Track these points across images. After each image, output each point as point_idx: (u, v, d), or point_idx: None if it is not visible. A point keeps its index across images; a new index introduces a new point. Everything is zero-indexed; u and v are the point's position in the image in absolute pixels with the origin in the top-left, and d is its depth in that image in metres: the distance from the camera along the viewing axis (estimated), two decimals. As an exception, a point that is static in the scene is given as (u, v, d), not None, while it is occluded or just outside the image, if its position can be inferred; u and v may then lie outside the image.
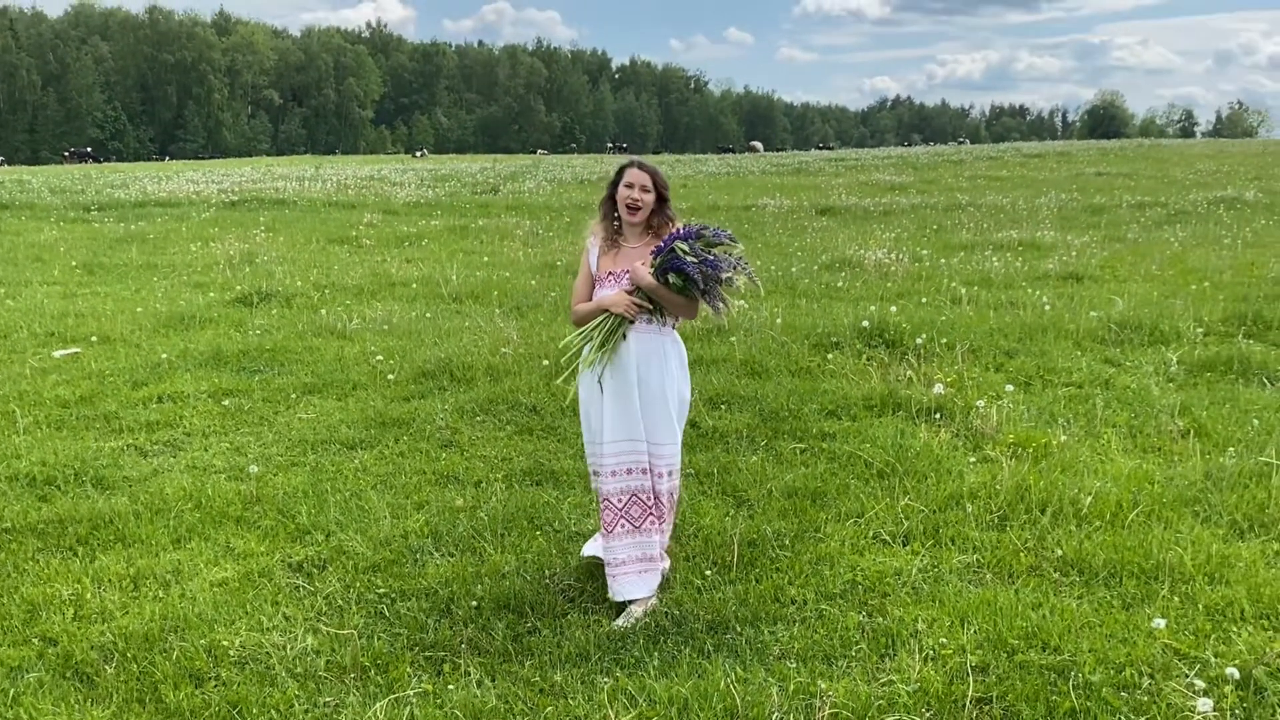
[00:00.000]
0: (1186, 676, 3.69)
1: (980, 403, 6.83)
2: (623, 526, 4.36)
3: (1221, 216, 20.15)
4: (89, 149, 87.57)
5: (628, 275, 4.35)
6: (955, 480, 5.73)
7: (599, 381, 4.38)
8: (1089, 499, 5.32)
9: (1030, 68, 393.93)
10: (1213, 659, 3.84)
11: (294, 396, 7.85)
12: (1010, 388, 7.30)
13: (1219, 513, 5.27)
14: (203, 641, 4.13)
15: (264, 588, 4.66)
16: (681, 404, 4.51)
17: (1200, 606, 4.29)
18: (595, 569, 4.62)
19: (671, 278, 4.20)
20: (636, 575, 4.35)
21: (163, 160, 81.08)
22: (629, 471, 4.37)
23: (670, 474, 4.45)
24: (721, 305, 4.30)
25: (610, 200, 4.51)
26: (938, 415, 6.94)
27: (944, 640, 4.02)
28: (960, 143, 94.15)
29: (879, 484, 5.79)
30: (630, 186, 4.41)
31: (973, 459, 6.13)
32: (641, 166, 4.46)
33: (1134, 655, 3.89)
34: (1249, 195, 24.26)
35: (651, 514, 4.39)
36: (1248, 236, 16.79)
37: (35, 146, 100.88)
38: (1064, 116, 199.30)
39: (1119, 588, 4.50)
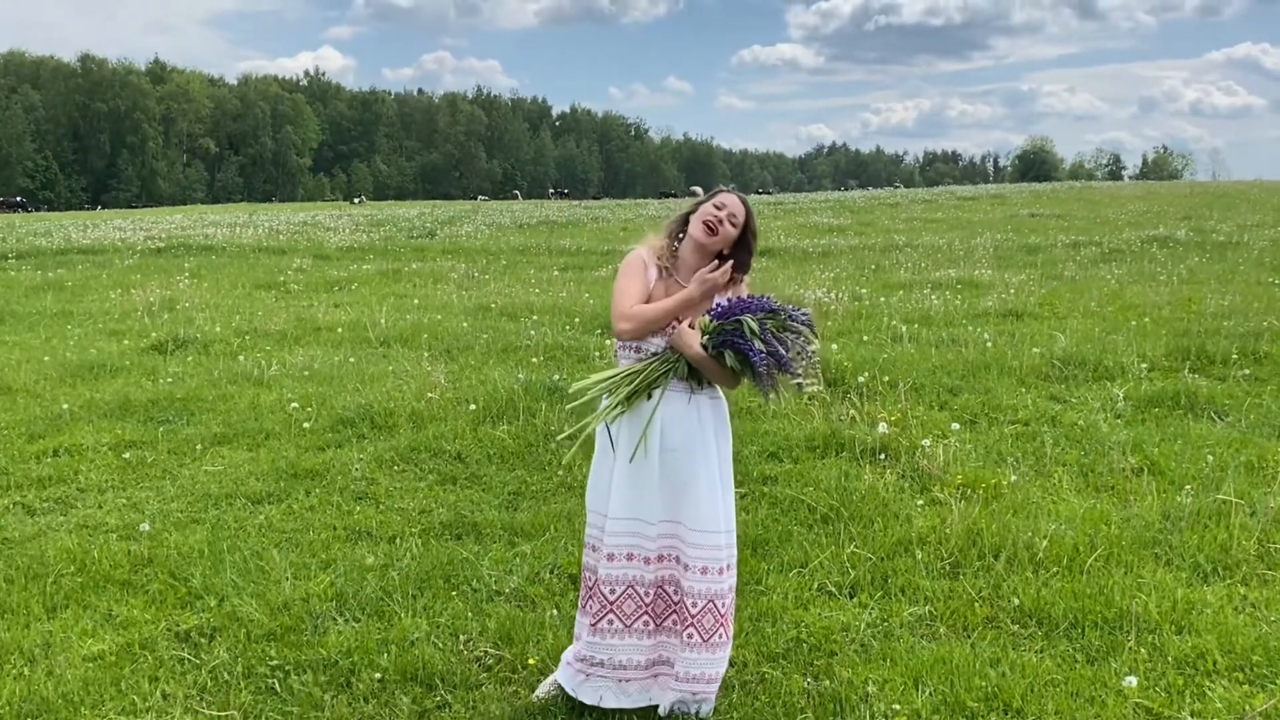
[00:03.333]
0: (1162, 740, 3.36)
1: (926, 442, 6.52)
2: (610, 623, 3.59)
3: (1155, 254, 20.29)
4: (19, 198, 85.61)
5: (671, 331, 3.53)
6: (903, 525, 5.39)
7: (611, 441, 3.60)
8: (1044, 542, 5.01)
9: (962, 115, 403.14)
10: (1189, 719, 3.50)
11: (200, 448, 7.33)
12: (956, 426, 7.01)
13: (1180, 555, 4.98)
14: (63, 728, 3.63)
15: (143, 661, 4.16)
16: (727, 478, 3.64)
17: (1170, 659, 3.97)
18: (516, 634, 4.20)
19: (728, 356, 3.37)
20: (616, 684, 3.64)
21: (95, 209, 79.47)
22: (629, 557, 3.57)
23: (696, 569, 3.50)
24: (774, 394, 3.48)
25: (684, 221, 3.66)
26: (882, 455, 6.62)
27: (896, 706, 3.65)
28: (896, 187, 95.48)
29: (823, 530, 5.43)
30: (720, 208, 3.57)
31: (920, 501, 5.81)
32: (743, 198, 3.64)
33: (1104, 716, 3.55)
34: (1180, 234, 24.54)
35: (646, 613, 3.60)
36: (1183, 273, 16.85)
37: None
38: (996, 161, 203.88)
39: (1081, 639, 4.18)
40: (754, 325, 3.35)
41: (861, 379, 8.31)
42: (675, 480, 3.52)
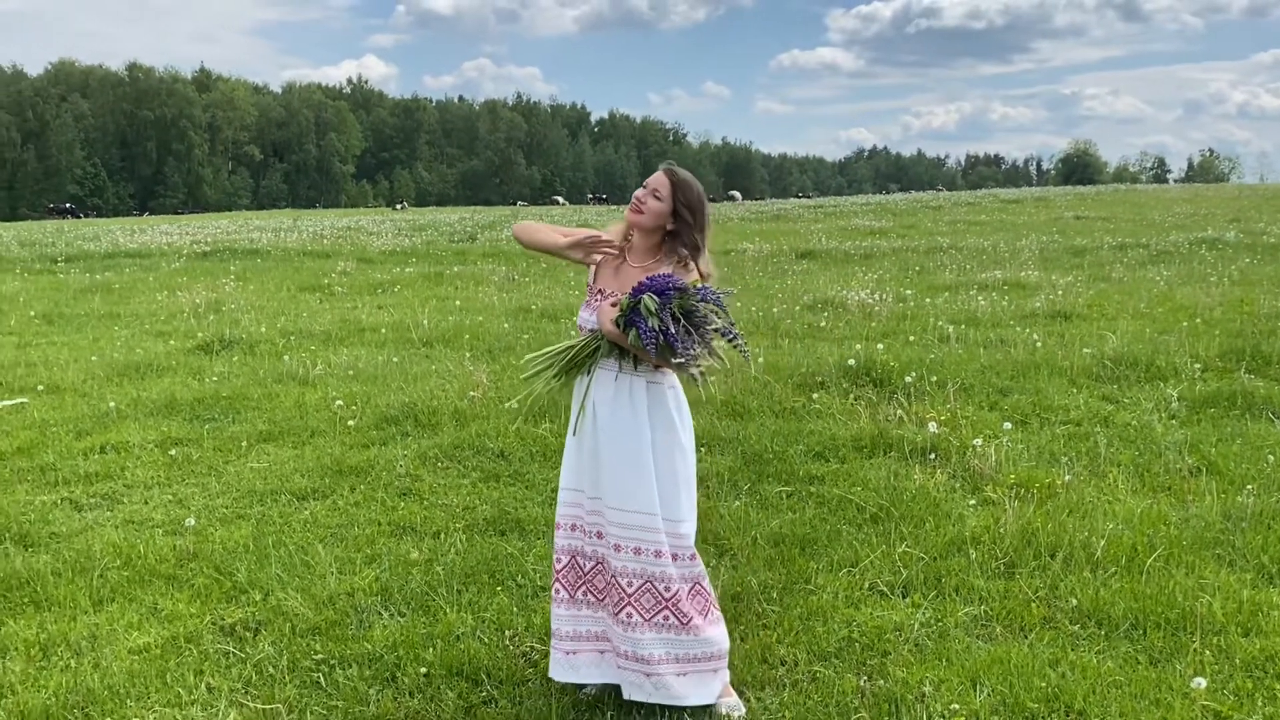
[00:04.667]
0: (1233, 744, 3.23)
1: (977, 441, 6.39)
2: (557, 592, 3.66)
3: (1205, 256, 19.91)
4: (69, 205, 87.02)
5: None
6: (955, 524, 5.28)
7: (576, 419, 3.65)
8: (1101, 542, 4.87)
9: (1004, 118, 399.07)
10: (1261, 723, 3.38)
11: (245, 445, 7.34)
12: (1007, 425, 6.87)
13: (1244, 556, 4.83)
14: None
15: (188, 655, 4.15)
16: (669, 465, 3.54)
17: (1237, 661, 3.83)
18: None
19: (631, 335, 3.39)
20: (575, 655, 3.62)
21: (142, 216, 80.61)
22: (573, 528, 3.65)
23: (628, 549, 3.49)
24: (695, 374, 3.49)
25: None
26: (932, 455, 6.50)
27: (955, 705, 3.55)
28: (938, 190, 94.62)
29: (873, 529, 5.33)
30: (645, 186, 3.62)
31: (973, 501, 5.68)
32: (670, 172, 3.63)
33: (1170, 718, 3.42)
34: (1229, 236, 24.07)
35: (585, 584, 3.62)
36: (1234, 275, 16.51)
37: (14, 203, 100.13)
38: (1038, 165, 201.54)
39: (1143, 640, 4.05)
40: (651, 305, 3.35)
41: (909, 379, 8.18)
42: (600, 457, 3.56)
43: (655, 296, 3.36)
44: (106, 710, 3.68)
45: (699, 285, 3.44)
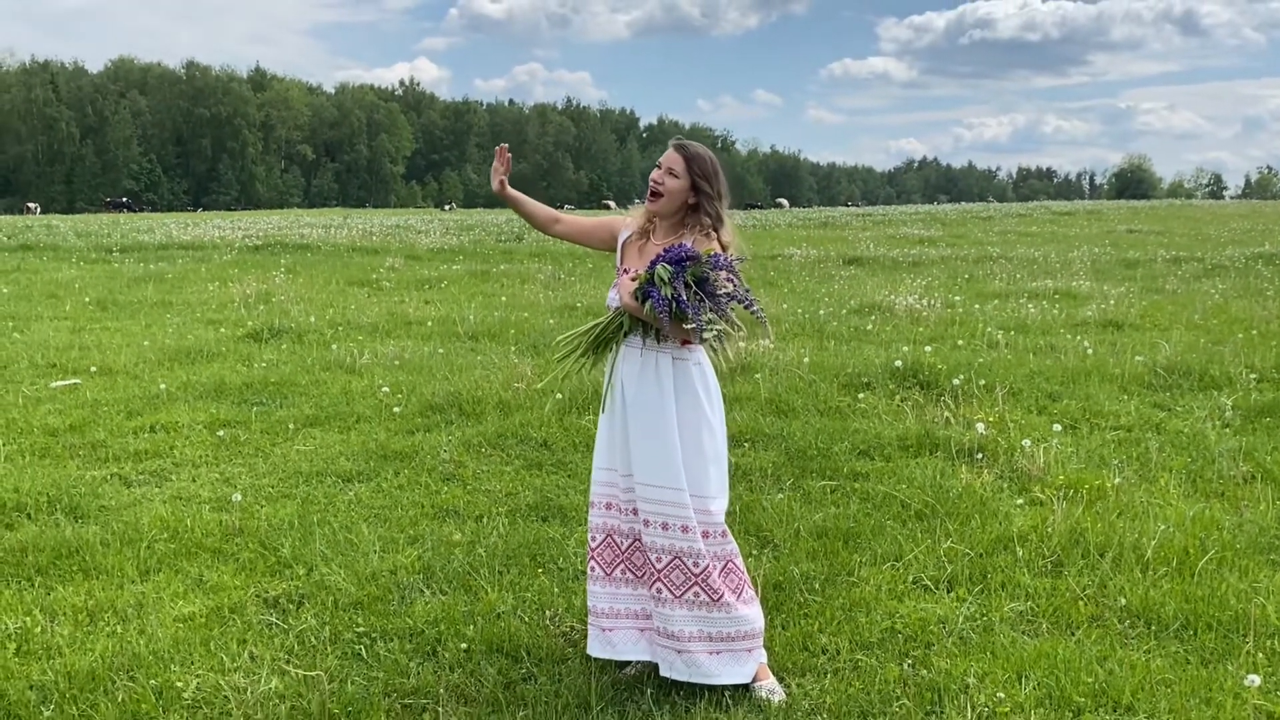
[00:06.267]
0: (1287, 744, 3.16)
1: (1026, 443, 6.30)
2: (593, 570, 3.68)
3: (1261, 271, 19.55)
4: (125, 199, 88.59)
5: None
6: (1002, 522, 5.21)
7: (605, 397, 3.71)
8: (1152, 543, 4.78)
9: (1057, 131, 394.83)
10: (1316, 724, 3.30)
11: (293, 428, 7.41)
12: (1057, 427, 6.77)
13: (1300, 561, 4.72)
14: (154, 682, 3.65)
15: (232, 624, 4.19)
16: (695, 441, 3.54)
17: (1291, 664, 3.74)
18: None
19: (646, 306, 3.41)
20: (611, 632, 3.64)
21: (195, 211, 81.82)
22: (607, 506, 3.67)
23: (656, 524, 3.49)
24: (717, 346, 3.50)
25: None
26: (979, 456, 6.42)
27: (1000, 695, 3.49)
28: (988, 202, 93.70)
29: (917, 525, 5.27)
30: (658, 167, 3.66)
31: (1020, 501, 5.61)
32: (680, 147, 3.66)
33: (1221, 718, 3.35)
34: (1288, 251, 23.64)
35: (624, 563, 3.64)
36: (1291, 289, 16.20)
37: (71, 197, 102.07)
38: (1091, 179, 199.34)
39: (1194, 641, 3.97)
40: (664, 274, 3.38)
41: (956, 382, 8.09)
42: (629, 434, 3.59)
43: (669, 266, 3.40)
44: (152, 673, 3.71)
45: (712, 253, 3.45)
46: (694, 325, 3.38)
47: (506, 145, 3.87)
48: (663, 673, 3.55)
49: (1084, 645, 3.91)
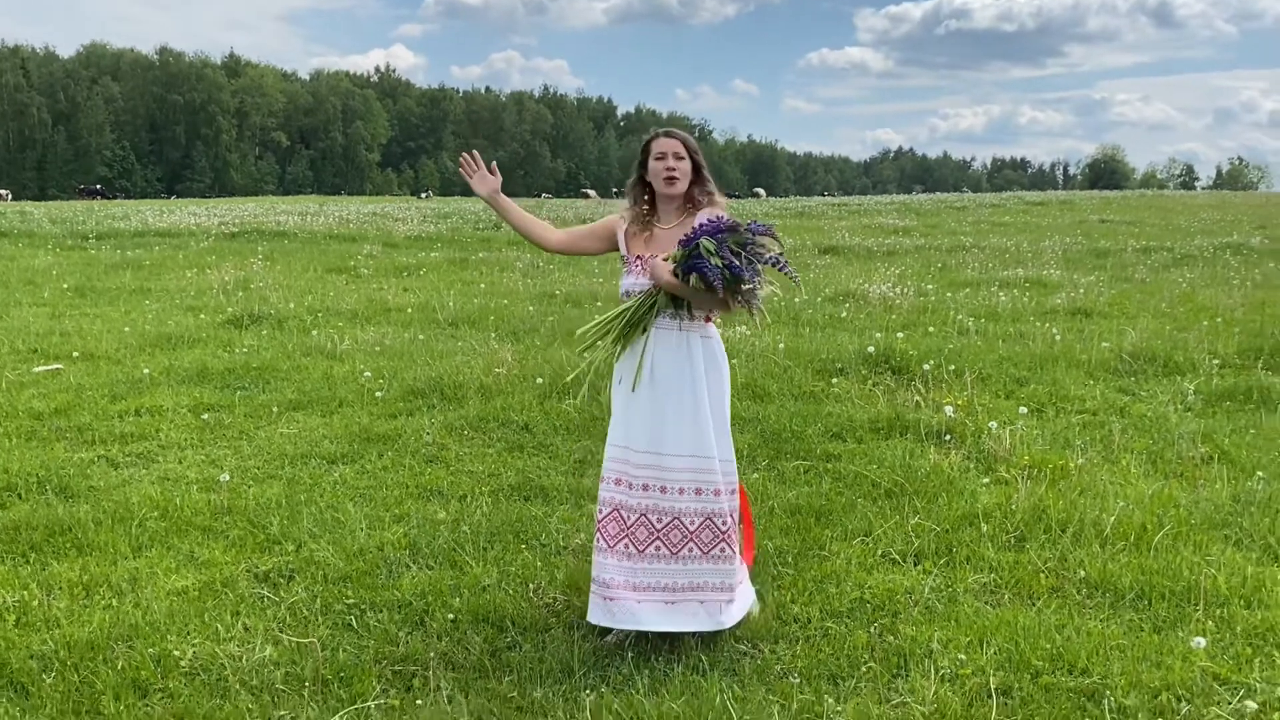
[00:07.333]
0: (1230, 702, 3.35)
1: (993, 425, 6.51)
2: (599, 542, 3.86)
3: (1229, 260, 19.88)
4: (98, 186, 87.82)
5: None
6: (968, 500, 5.40)
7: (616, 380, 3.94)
8: (1111, 519, 4.99)
9: (1032, 122, 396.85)
10: (1258, 684, 3.49)
11: (276, 412, 7.53)
12: (1023, 410, 6.98)
13: (1251, 536, 4.94)
14: (151, 651, 3.79)
15: (225, 597, 4.33)
16: (721, 412, 3.88)
17: (1238, 630, 3.95)
18: (585, 585, 4.29)
19: (693, 279, 3.61)
20: (613, 602, 3.80)
21: (169, 199, 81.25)
22: (617, 481, 3.86)
23: (690, 491, 3.78)
24: (757, 307, 3.74)
25: (640, 183, 4.01)
26: (947, 437, 6.62)
27: (962, 658, 3.68)
28: (963, 192, 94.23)
29: (887, 503, 5.46)
30: (662, 158, 3.89)
31: (986, 480, 5.81)
32: (670, 134, 3.94)
33: (1170, 679, 3.55)
34: (1254, 241, 24.00)
35: (627, 536, 3.82)
36: (1256, 278, 16.49)
37: (43, 184, 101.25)
38: (1065, 169, 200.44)
39: (1148, 610, 4.17)
40: (710, 245, 3.58)
41: (927, 367, 8.29)
42: (664, 411, 3.80)
43: (711, 238, 3.59)
44: (150, 643, 3.85)
45: (749, 221, 3.70)
46: (750, 287, 3.63)
47: (474, 153, 4.25)
48: (682, 627, 3.79)
49: (1044, 614, 4.10)
